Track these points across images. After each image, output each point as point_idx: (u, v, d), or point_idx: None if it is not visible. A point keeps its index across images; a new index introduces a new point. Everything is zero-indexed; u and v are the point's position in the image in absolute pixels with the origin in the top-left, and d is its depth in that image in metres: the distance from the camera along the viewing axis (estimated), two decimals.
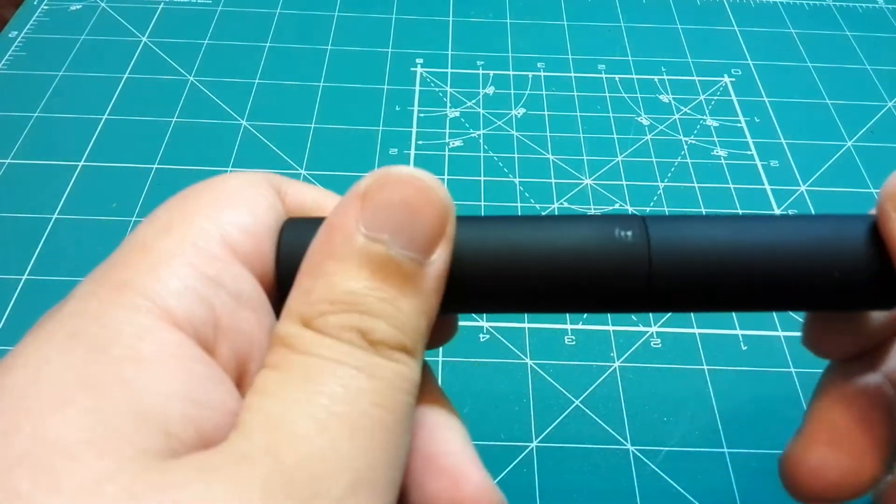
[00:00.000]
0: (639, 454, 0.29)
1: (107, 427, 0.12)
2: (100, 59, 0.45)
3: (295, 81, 0.44)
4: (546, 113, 0.43)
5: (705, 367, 0.32)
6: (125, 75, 0.44)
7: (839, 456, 0.19)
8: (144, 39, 0.46)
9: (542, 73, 0.46)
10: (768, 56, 0.48)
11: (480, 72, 0.46)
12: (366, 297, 0.14)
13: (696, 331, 0.33)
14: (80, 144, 0.40)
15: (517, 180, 0.39)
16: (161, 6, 0.49)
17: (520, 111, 0.43)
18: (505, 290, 0.16)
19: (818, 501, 0.20)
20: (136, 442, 0.12)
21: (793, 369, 0.32)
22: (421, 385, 0.15)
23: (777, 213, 0.38)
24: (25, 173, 0.38)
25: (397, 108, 0.43)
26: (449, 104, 0.43)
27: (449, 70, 0.46)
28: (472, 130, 0.42)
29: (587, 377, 0.31)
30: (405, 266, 0.14)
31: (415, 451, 0.16)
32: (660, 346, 0.32)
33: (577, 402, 0.30)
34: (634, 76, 0.46)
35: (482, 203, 0.38)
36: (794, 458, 0.20)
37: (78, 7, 0.48)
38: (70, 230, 0.36)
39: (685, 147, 0.41)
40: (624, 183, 0.39)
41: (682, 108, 0.44)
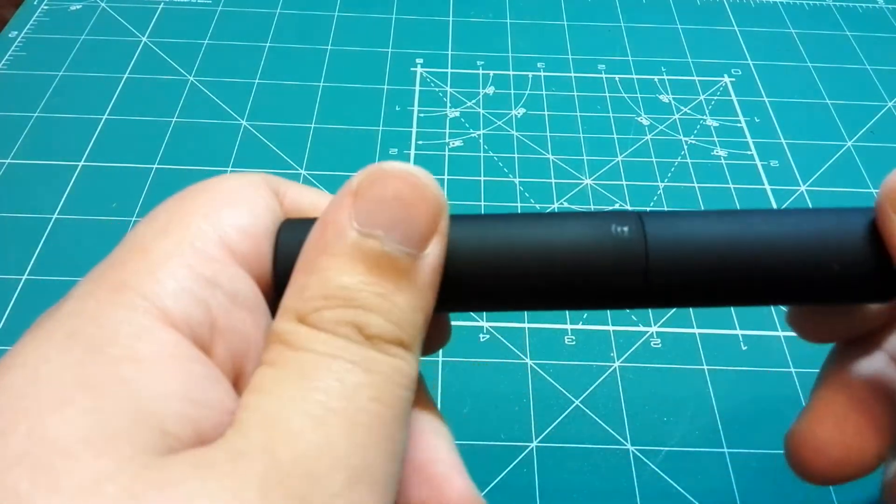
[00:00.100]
0: (639, 454, 0.29)
1: (105, 426, 0.12)
2: (100, 59, 0.45)
3: (295, 81, 0.44)
4: (546, 113, 0.43)
5: (705, 367, 0.32)
6: (125, 75, 0.44)
7: (843, 433, 0.19)
8: (144, 39, 0.46)
9: (542, 73, 0.46)
10: (768, 56, 0.48)
11: (480, 72, 0.46)
12: (360, 292, 0.14)
13: (696, 331, 0.33)
14: (80, 144, 0.40)
15: (517, 180, 0.39)
16: (161, 6, 0.49)
17: (520, 111, 0.43)
18: (501, 287, 0.16)
19: (822, 479, 0.20)
20: (134, 441, 0.12)
21: (793, 369, 0.32)
22: None
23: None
24: (25, 173, 0.38)
25: (397, 108, 0.43)
26: (449, 104, 0.43)
27: (449, 70, 0.46)
28: (472, 130, 0.42)
29: (587, 377, 0.31)
30: (400, 261, 0.14)
31: None
32: (660, 346, 0.32)
33: (577, 402, 0.30)
34: (634, 76, 0.46)
35: (482, 203, 0.38)
36: (799, 435, 0.20)
37: (78, 7, 0.48)
38: (70, 230, 0.36)
39: (685, 147, 0.41)
40: (624, 183, 0.39)
41: (682, 108, 0.44)
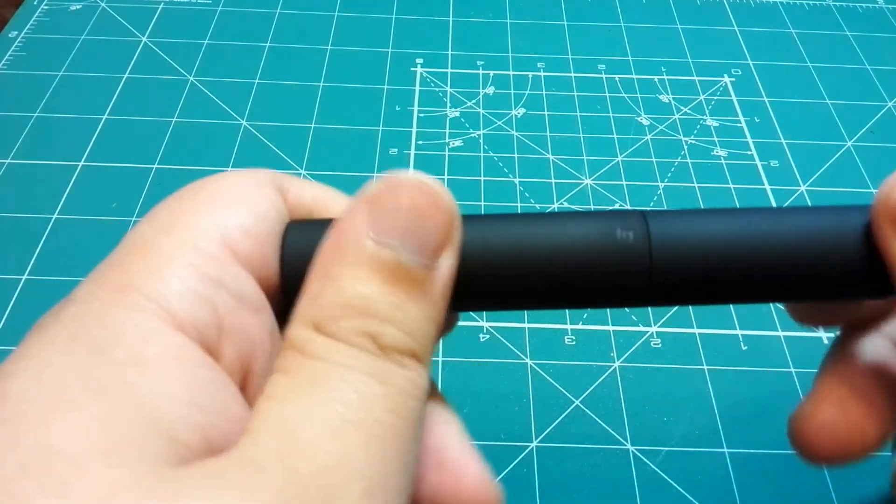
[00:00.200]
0: (639, 454, 0.29)
1: (114, 434, 0.11)
2: (100, 59, 0.45)
3: (295, 81, 0.44)
4: (546, 113, 0.43)
5: (705, 367, 0.32)
6: (125, 75, 0.44)
7: (846, 414, 0.19)
8: (144, 39, 0.46)
9: (542, 73, 0.46)
10: (768, 56, 0.48)
11: (480, 72, 0.46)
12: (376, 302, 0.14)
13: (696, 331, 0.33)
14: (80, 144, 0.40)
15: (517, 180, 0.39)
16: (161, 6, 0.49)
17: (520, 111, 0.43)
18: (506, 287, 0.16)
19: (825, 459, 0.20)
20: (144, 449, 0.11)
21: (793, 369, 0.32)
22: None
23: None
24: (25, 173, 0.38)
25: (397, 108, 0.43)
26: (449, 104, 0.43)
27: (449, 70, 0.46)
28: (472, 130, 0.42)
29: (587, 377, 0.31)
30: (414, 271, 0.14)
31: None
32: (660, 346, 0.32)
33: (577, 402, 0.30)
34: (634, 76, 0.46)
35: (482, 203, 0.38)
36: (802, 416, 0.20)
37: (78, 7, 0.48)
38: (70, 230, 0.36)
39: (685, 147, 0.41)
40: (624, 183, 0.39)
41: (682, 108, 0.44)
